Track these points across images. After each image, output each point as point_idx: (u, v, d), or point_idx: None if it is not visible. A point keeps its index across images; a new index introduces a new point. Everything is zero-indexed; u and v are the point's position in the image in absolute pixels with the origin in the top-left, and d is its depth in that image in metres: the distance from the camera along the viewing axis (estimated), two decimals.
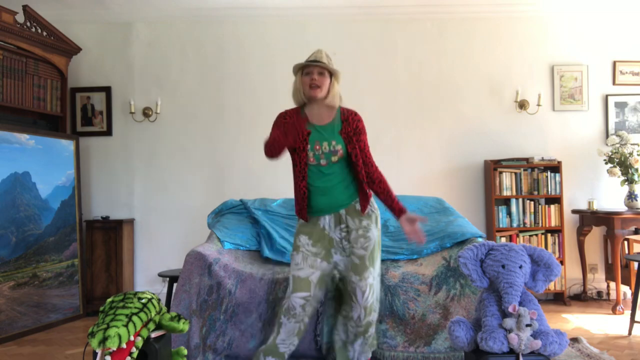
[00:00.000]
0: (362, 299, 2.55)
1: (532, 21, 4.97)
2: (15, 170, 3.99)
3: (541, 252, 2.34)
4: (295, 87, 2.69)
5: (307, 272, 2.56)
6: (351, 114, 2.67)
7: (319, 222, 2.61)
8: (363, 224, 2.59)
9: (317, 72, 2.60)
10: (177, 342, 2.85)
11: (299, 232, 2.64)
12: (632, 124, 4.94)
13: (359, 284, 2.55)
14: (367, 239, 2.58)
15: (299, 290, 2.55)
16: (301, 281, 2.56)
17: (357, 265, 2.56)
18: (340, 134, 2.60)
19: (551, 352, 2.17)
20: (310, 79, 2.60)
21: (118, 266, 4.71)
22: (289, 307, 2.56)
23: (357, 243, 2.58)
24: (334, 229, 2.62)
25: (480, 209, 4.95)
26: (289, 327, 2.57)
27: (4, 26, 3.99)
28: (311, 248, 2.59)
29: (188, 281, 2.96)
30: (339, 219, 2.61)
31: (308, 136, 2.59)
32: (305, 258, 2.58)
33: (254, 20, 5.01)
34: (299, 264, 2.58)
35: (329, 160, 2.58)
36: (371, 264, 2.58)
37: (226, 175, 5.01)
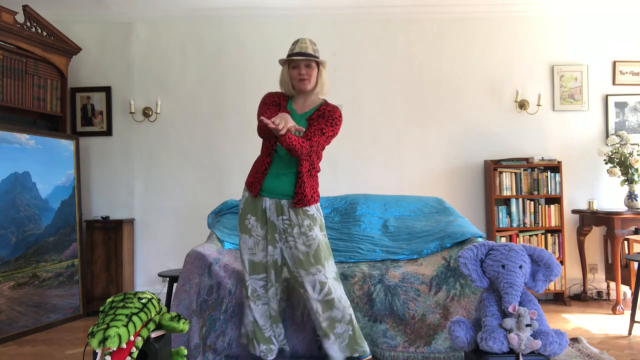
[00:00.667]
0: (313, 292, 2.57)
1: (532, 21, 4.97)
2: (15, 170, 3.99)
3: (541, 252, 2.35)
4: (283, 79, 2.70)
5: (260, 256, 2.66)
6: (328, 106, 2.68)
7: (261, 203, 2.65)
8: (305, 223, 2.61)
9: (304, 65, 2.62)
10: (177, 342, 2.85)
11: (246, 211, 2.67)
12: (632, 124, 4.94)
13: (307, 278, 2.58)
14: (308, 237, 2.60)
15: (255, 272, 2.66)
16: (256, 265, 2.66)
17: (302, 260, 2.59)
18: (307, 119, 2.64)
19: (551, 352, 2.17)
20: (298, 72, 2.61)
21: (118, 266, 4.71)
22: (252, 290, 2.66)
23: (300, 239, 2.60)
24: (275, 216, 2.65)
25: (480, 209, 4.95)
26: (259, 310, 2.67)
27: (4, 26, 3.99)
28: (260, 231, 2.65)
29: (188, 281, 2.96)
30: (280, 209, 2.64)
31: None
32: (257, 243, 2.65)
33: (254, 20, 5.01)
34: (252, 248, 2.66)
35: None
36: (317, 262, 2.58)
37: (226, 175, 5.01)
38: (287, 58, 2.66)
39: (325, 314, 2.60)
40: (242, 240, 2.69)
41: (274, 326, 2.75)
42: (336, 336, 2.62)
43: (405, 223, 3.74)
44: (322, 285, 2.58)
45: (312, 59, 2.61)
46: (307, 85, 2.62)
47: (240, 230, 2.69)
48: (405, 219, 3.81)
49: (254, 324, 2.69)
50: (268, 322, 2.71)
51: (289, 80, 2.67)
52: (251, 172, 2.73)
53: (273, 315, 2.73)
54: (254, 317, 2.68)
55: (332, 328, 2.62)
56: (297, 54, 2.61)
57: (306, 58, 2.60)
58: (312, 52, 2.64)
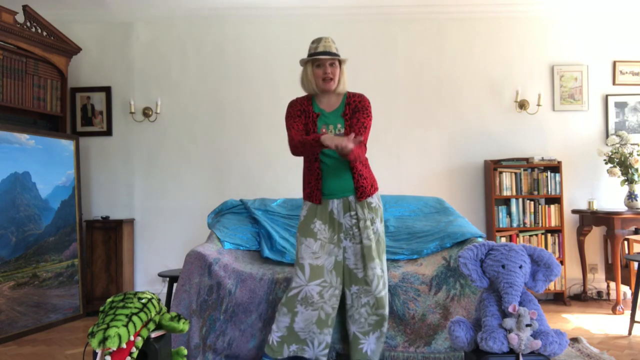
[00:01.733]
0: (373, 287, 2.59)
1: (532, 21, 4.97)
2: (15, 170, 3.99)
3: (541, 252, 2.34)
4: (306, 78, 2.67)
5: (323, 259, 2.61)
6: (355, 96, 2.69)
7: (327, 206, 2.65)
8: (369, 217, 2.64)
9: (329, 64, 2.60)
10: (177, 342, 2.85)
11: (312, 216, 2.65)
12: (632, 124, 4.94)
13: (368, 272, 2.59)
14: (371, 230, 2.63)
15: (315, 277, 2.59)
16: (318, 269, 2.59)
17: (365, 254, 2.61)
18: (342, 116, 2.64)
19: (551, 352, 2.16)
20: (323, 72, 2.60)
21: (118, 266, 4.71)
22: (306, 296, 2.57)
23: (365, 233, 2.62)
24: (342, 214, 2.66)
25: (480, 209, 4.95)
26: (305, 315, 2.59)
27: (4, 26, 3.99)
28: (327, 233, 2.64)
29: (188, 281, 2.96)
30: (347, 205, 2.66)
31: (317, 119, 2.64)
32: (322, 246, 2.62)
33: (254, 20, 5.01)
34: (317, 252, 2.61)
35: None
36: (378, 256, 2.63)
37: (226, 175, 5.01)
38: (311, 57, 2.62)
39: (379, 310, 2.62)
40: (306, 245, 2.63)
41: (317, 331, 2.63)
42: (382, 333, 2.66)
43: (405, 223, 3.74)
44: (379, 280, 2.60)
45: (336, 57, 2.61)
46: (332, 85, 2.62)
47: (303, 235, 2.64)
48: (405, 219, 3.81)
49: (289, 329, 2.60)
50: (310, 326, 2.61)
51: (312, 79, 2.64)
52: (305, 184, 2.71)
53: (322, 319, 2.63)
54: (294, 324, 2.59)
55: (380, 325, 2.65)
56: (322, 53, 2.59)
57: (331, 57, 2.59)
58: (336, 51, 2.64)
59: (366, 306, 2.64)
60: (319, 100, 2.70)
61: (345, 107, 2.66)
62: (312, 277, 2.59)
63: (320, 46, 2.61)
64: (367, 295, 2.63)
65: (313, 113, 2.66)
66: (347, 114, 2.65)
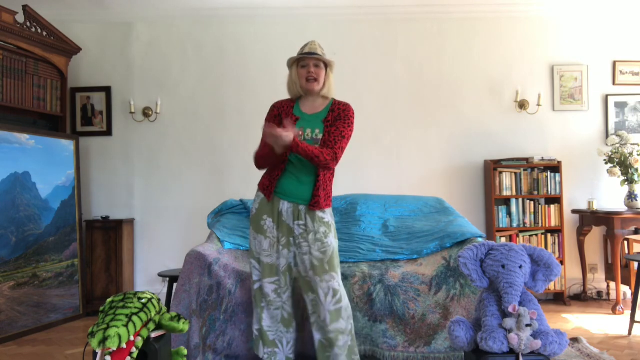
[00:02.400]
0: (325, 300, 2.52)
1: (532, 21, 4.97)
2: (15, 170, 3.99)
3: (541, 252, 2.34)
4: (291, 80, 2.70)
5: (274, 258, 2.61)
6: (340, 104, 2.68)
7: (278, 205, 2.62)
8: (321, 230, 2.58)
9: (314, 65, 2.63)
10: (177, 342, 2.85)
11: (263, 213, 2.63)
12: (632, 124, 4.94)
13: (320, 285, 2.53)
14: (324, 244, 2.56)
15: (270, 275, 2.61)
16: (271, 267, 2.61)
17: (317, 266, 2.55)
18: (322, 122, 2.63)
19: (551, 352, 2.16)
20: (306, 72, 2.62)
21: (118, 266, 4.71)
22: (264, 293, 2.62)
23: (315, 245, 2.56)
24: (292, 220, 2.61)
25: (480, 209, 4.95)
26: (271, 313, 2.63)
27: (4, 26, 3.99)
28: (275, 233, 2.61)
29: (188, 281, 2.96)
30: (297, 214, 2.60)
31: (295, 122, 2.62)
32: (272, 245, 2.61)
33: (254, 20, 5.01)
34: (267, 250, 2.61)
35: None
36: (332, 269, 2.56)
37: (226, 175, 5.01)
38: (296, 57, 2.67)
39: (332, 325, 2.53)
40: (257, 241, 2.64)
41: (284, 330, 2.67)
42: (339, 348, 2.56)
43: (405, 223, 3.74)
44: (335, 293, 2.54)
45: (320, 58, 2.62)
46: (315, 85, 2.62)
47: (255, 231, 2.65)
48: (405, 219, 3.81)
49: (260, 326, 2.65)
50: (276, 325, 2.65)
51: (297, 80, 2.67)
52: (265, 174, 2.70)
53: (286, 318, 2.66)
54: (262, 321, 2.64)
55: (337, 340, 2.55)
56: (307, 54, 2.62)
57: (315, 57, 2.61)
58: (321, 53, 2.65)
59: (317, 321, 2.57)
60: (302, 103, 2.70)
61: (329, 114, 2.65)
62: (267, 274, 2.61)
63: (306, 48, 2.66)
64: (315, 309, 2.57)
65: (292, 115, 2.66)
66: (329, 120, 2.64)
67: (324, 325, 2.55)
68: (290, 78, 2.70)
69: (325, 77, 2.66)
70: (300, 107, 2.69)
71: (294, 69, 2.69)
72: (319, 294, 2.54)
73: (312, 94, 2.67)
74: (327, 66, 2.67)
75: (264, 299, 2.62)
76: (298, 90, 2.68)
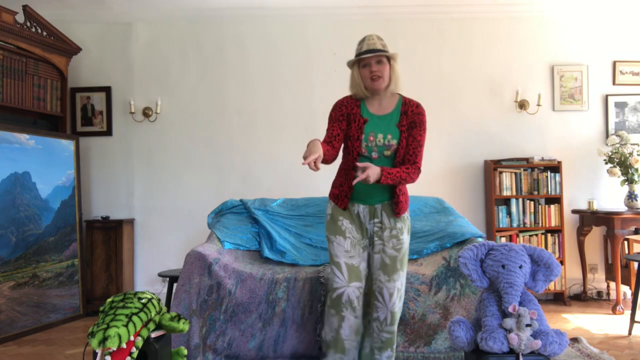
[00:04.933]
0: (390, 301, 2.44)
1: (532, 21, 4.97)
2: (15, 170, 3.99)
3: (541, 252, 2.34)
4: (353, 82, 2.51)
5: (358, 260, 2.46)
6: (412, 105, 2.51)
7: (353, 209, 2.53)
8: (397, 226, 2.50)
9: (375, 62, 2.44)
10: (177, 342, 2.85)
11: (339, 215, 2.51)
12: (632, 124, 4.94)
13: (387, 285, 2.45)
14: (399, 241, 2.49)
15: (353, 279, 2.41)
16: (355, 269, 2.43)
17: (388, 265, 2.46)
18: (397, 127, 2.47)
19: (551, 352, 2.16)
20: (369, 71, 2.43)
21: (118, 266, 4.71)
22: (349, 299, 2.39)
23: (390, 243, 2.48)
24: (368, 220, 2.52)
25: (480, 209, 4.95)
26: (351, 323, 2.41)
27: (4, 26, 3.99)
28: (355, 234, 2.50)
29: (188, 281, 2.96)
30: (373, 213, 2.52)
31: (364, 125, 2.45)
32: (354, 245, 2.47)
33: (254, 20, 5.01)
34: (350, 250, 2.45)
35: (381, 154, 2.47)
36: (401, 268, 2.48)
37: (226, 175, 5.01)
38: (356, 58, 2.48)
39: (392, 327, 2.47)
40: (337, 243, 2.47)
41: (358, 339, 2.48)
42: (393, 351, 2.52)
43: None
44: (398, 292, 2.46)
45: (382, 54, 2.42)
46: (381, 83, 2.43)
47: (332, 234, 2.49)
48: None
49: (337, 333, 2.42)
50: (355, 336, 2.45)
51: (360, 81, 2.48)
52: (335, 184, 2.58)
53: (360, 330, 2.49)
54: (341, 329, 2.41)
55: (392, 343, 2.50)
56: (366, 52, 2.42)
57: (376, 54, 2.41)
58: (382, 47, 2.45)
59: (376, 321, 2.49)
60: (369, 103, 2.51)
61: (402, 117, 2.48)
62: (351, 278, 2.42)
63: (364, 45, 2.46)
64: (377, 310, 2.48)
65: (360, 117, 2.48)
66: (403, 125, 2.47)
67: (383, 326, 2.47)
68: (353, 80, 2.50)
69: (390, 72, 2.46)
70: (368, 107, 2.51)
71: (355, 69, 2.49)
72: (384, 294, 2.44)
73: (378, 93, 2.49)
74: (389, 59, 2.47)
75: (348, 306, 2.40)
76: (363, 91, 2.49)
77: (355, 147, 2.46)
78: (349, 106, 2.52)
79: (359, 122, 2.46)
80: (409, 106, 2.50)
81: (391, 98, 2.53)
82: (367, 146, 2.46)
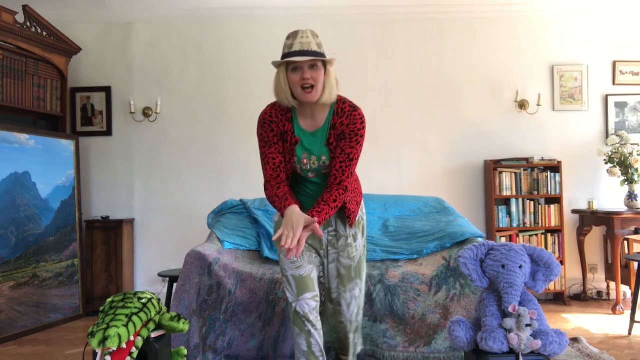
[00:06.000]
0: (348, 311, 2.41)
1: (532, 21, 4.97)
2: (15, 170, 3.99)
3: (541, 252, 2.34)
4: (279, 87, 2.09)
5: (307, 269, 2.27)
6: (342, 115, 2.14)
7: None
8: (351, 232, 2.38)
9: (309, 66, 2.02)
10: (177, 342, 2.85)
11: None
12: (632, 124, 4.94)
13: (344, 295, 2.39)
14: (354, 248, 2.37)
15: (306, 290, 2.22)
16: (303, 280, 2.24)
17: (343, 275, 2.37)
18: (327, 146, 2.16)
19: (551, 352, 2.16)
20: (301, 77, 2.02)
21: (118, 266, 4.71)
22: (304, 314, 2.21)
23: (345, 252, 2.35)
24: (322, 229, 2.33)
25: (480, 209, 4.95)
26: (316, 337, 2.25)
27: (4, 26, 3.99)
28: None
29: (188, 281, 2.96)
30: (328, 222, 2.34)
31: (295, 145, 2.16)
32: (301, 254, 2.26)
33: (254, 20, 5.01)
34: (296, 261, 2.24)
35: (318, 173, 2.25)
36: (357, 276, 2.40)
37: (226, 175, 5.01)
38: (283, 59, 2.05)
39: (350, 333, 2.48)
40: (283, 256, 2.27)
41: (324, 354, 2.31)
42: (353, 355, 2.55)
43: (405, 223, 3.74)
44: (357, 301, 2.42)
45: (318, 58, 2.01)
46: (314, 95, 2.04)
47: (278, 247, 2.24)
48: (405, 219, 3.81)
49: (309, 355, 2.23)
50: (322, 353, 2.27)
51: (287, 88, 2.07)
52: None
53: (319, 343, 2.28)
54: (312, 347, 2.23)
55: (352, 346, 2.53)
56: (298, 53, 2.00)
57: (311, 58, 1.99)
58: (317, 49, 2.03)
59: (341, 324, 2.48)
60: (300, 115, 2.15)
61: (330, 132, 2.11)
62: (300, 291, 2.22)
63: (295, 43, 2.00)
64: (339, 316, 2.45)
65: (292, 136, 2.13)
66: (332, 142, 2.13)
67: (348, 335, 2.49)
68: (279, 84, 2.08)
69: (325, 79, 2.06)
70: (299, 121, 2.16)
71: (282, 71, 2.07)
72: (342, 304, 2.40)
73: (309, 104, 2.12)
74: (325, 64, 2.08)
75: (306, 321, 2.22)
76: (289, 100, 2.09)
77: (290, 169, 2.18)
78: (279, 122, 2.15)
79: (291, 141, 2.13)
80: (338, 117, 2.12)
81: (324, 108, 2.15)
82: (302, 169, 2.20)
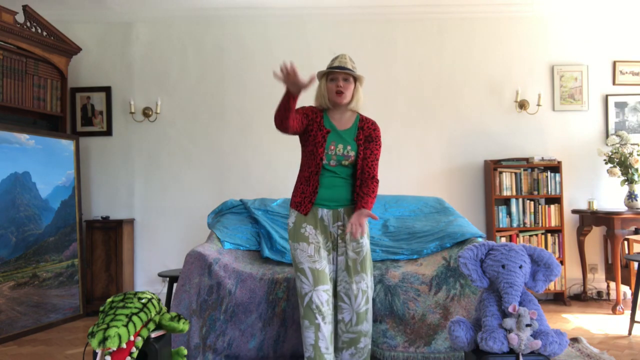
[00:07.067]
0: (355, 302, 2.56)
1: (532, 21, 4.97)
2: (15, 170, 3.99)
3: (541, 252, 2.34)
4: (319, 92, 2.71)
5: (322, 264, 2.55)
6: (367, 122, 2.74)
7: (317, 212, 2.63)
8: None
9: (342, 78, 2.64)
10: (177, 342, 2.85)
11: (302, 222, 2.61)
12: (632, 124, 4.94)
13: (351, 286, 2.56)
14: (359, 244, 2.61)
15: (321, 282, 2.50)
16: (320, 274, 2.51)
17: (350, 267, 2.59)
18: (355, 141, 2.67)
19: (551, 352, 2.17)
20: (335, 85, 2.63)
21: (118, 266, 4.71)
22: (317, 305, 2.47)
23: (350, 246, 2.60)
24: (332, 223, 2.64)
25: (480, 209, 4.95)
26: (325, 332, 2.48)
27: (4, 26, 3.99)
28: (319, 238, 2.60)
29: (188, 281, 2.96)
30: (337, 216, 2.65)
31: (327, 134, 2.63)
32: (317, 250, 2.57)
33: (254, 20, 5.01)
34: (313, 255, 2.55)
35: (339, 163, 2.63)
36: (363, 270, 2.59)
37: (226, 175, 5.01)
38: (325, 70, 2.69)
39: (357, 327, 2.57)
40: (300, 249, 2.57)
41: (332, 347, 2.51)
42: (357, 350, 2.59)
43: (405, 223, 3.74)
44: (363, 294, 2.57)
45: (349, 73, 2.64)
46: (343, 98, 2.64)
47: (295, 241, 2.59)
48: (405, 219, 3.81)
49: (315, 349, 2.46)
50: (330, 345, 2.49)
51: (325, 93, 2.68)
52: (297, 192, 2.68)
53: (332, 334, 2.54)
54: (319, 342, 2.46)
55: (357, 342, 2.58)
56: (336, 68, 2.64)
57: (344, 72, 2.63)
58: (351, 68, 2.67)
59: (341, 322, 2.59)
60: (331, 116, 2.71)
61: (359, 131, 2.70)
62: (317, 282, 2.50)
63: (336, 62, 2.68)
64: (342, 311, 2.58)
65: (323, 127, 2.66)
66: (360, 139, 2.68)
67: (348, 327, 2.57)
68: (319, 90, 2.71)
69: (354, 91, 2.68)
70: (330, 119, 2.70)
71: (323, 81, 2.70)
72: (350, 295, 2.56)
73: (339, 107, 2.68)
74: (356, 80, 2.69)
75: (318, 313, 2.47)
76: (326, 102, 2.69)
77: (319, 153, 2.60)
78: (312, 114, 2.68)
79: (322, 131, 2.64)
80: (365, 123, 2.73)
81: (351, 115, 2.74)
82: (327, 154, 2.62)
